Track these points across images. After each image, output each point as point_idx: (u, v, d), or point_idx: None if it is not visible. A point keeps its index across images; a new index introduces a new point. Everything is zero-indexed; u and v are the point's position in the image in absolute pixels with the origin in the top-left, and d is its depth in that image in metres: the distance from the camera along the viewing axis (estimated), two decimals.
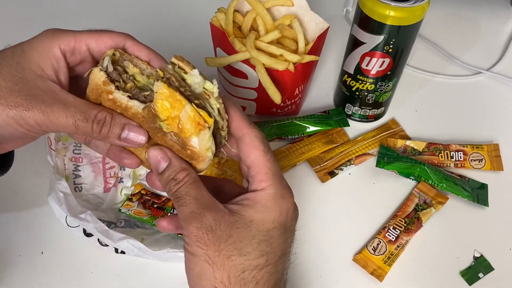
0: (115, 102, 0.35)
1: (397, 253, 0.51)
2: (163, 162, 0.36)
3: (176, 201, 0.35)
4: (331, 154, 0.60)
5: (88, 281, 0.49)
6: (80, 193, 0.54)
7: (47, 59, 0.36)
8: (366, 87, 0.59)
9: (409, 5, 0.50)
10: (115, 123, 0.36)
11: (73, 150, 0.55)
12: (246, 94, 0.59)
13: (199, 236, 0.33)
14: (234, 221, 0.34)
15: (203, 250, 0.33)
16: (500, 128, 0.65)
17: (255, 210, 0.35)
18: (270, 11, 0.59)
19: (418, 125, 0.65)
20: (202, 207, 0.34)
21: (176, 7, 0.81)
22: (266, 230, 0.35)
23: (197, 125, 0.33)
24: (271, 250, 0.35)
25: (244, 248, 0.34)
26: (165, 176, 0.36)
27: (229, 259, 0.33)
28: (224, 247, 0.33)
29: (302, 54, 0.56)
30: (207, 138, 0.34)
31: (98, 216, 0.49)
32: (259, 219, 0.35)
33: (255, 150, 0.37)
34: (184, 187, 0.35)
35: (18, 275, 0.48)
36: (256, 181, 0.36)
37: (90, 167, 0.55)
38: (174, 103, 0.33)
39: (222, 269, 0.33)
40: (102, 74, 0.35)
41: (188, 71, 0.34)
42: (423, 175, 0.56)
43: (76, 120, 0.35)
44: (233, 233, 0.34)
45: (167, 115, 0.33)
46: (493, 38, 0.80)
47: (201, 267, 0.33)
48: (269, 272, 0.35)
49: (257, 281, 0.34)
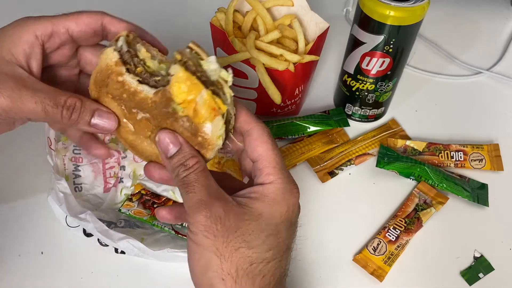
0: (124, 85, 0.35)
1: (397, 253, 0.51)
2: (174, 147, 0.35)
3: (184, 187, 0.34)
4: (331, 154, 0.60)
5: (88, 281, 0.49)
6: (80, 193, 0.54)
7: (19, 45, 0.35)
8: (366, 87, 0.59)
9: (409, 5, 0.50)
10: (85, 109, 0.36)
11: (73, 150, 0.55)
12: (246, 94, 0.59)
13: (208, 226, 0.32)
14: (243, 213, 0.34)
15: (211, 241, 0.32)
16: (500, 128, 0.65)
17: (264, 203, 0.35)
18: (270, 11, 0.59)
19: (418, 125, 0.65)
20: (211, 196, 0.34)
21: (176, 7, 0.81)
22: (275, 224, 0.35)
23: (212, 110, 0.33)
24: (277, 245, 0.35)
25: (253, 241, 0.33)
26: (174, 161, 0.35)
27: (238, 251, 0.33)
28: (233, 238, 0.33)
29: (302, 54, 0.56)
30: (220, 125, 0.34)
31: (98, 216, 0.49)
32: (268, 213, 0.35)
33: (263, 144, 0.36)
34: (194, 174, 0.35)
35: (18, 275, 0.48)
36: (264, 174, 0.36)
37: (90, 167, 0.55)
38: (191, 87, 0.33)
39: (230, 261, 0.32)
40: (115, 54, 0.35)
41: (204, 58, 0.34)
42: (423, 175, 0.56)
43: (46, 106, 0.34)
44: (242, 225, 0.33)
45: (184, 98, 0.33)
46: (493, 38, 0.80)
47: (208, 258, 0.33)
48: (275, 266, 0.34)
49: (264, 274, 0.34)
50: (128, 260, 0.50)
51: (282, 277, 0.35)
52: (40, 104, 0.34)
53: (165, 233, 0.51)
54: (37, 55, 0.36)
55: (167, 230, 0.51)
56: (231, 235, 0.33)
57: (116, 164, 0.56)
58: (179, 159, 0.35)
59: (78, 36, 0.38)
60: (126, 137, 0.39)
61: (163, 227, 0.51)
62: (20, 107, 0.34)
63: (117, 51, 0.35)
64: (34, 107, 0.34)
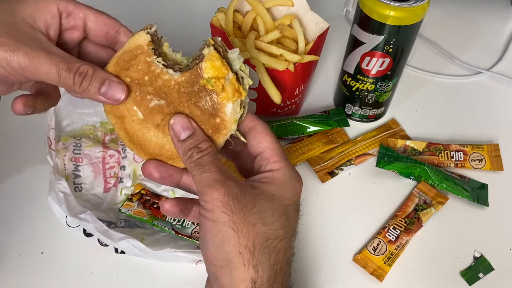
0: (151, 65, 0.37)
1: (397, 253, 0.51)
2: (187, 131, 0.37)
3: (199, 168, 0.36)
4: (331, 154, 0.60)
5: (88, 281, 0.49)
6: (80, 193, 0.54)
7: (42, 12, 0.37)
8: (366, 87, 0.59)
9: (409, 5, 0.50)
10: (96, 76, 0.37)
11: (73, 150, 0.55)
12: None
13: (225, 202, 0.34)
14: (257, 193, 0.36)
15: (228, 216, 0.34)
16: (500, 128, 0.65)
17: (275, 186, 0.37)
18: (270, 11, 0.59)
19: (418, 125, 0.65)
20: (227, 175, 0.35)
21: (176, 7, 0.81)
22: (285, 206, 0.37)
23: (235, 91, 0.36)
24: (288, 225, 0.36)
25: (268, 218, 0.35)
26: (187, 144, 0.37)
27: (254, 226, 0.34)
28: (249, 215, 0.34)
29: (302, 54, 0.56)
30: (239, 108, 0.37)
31: (98, 216, 0.49)
32: (280, 194, 0.37)
33: (268, 137, 0.39)
34: (208, 156, 0.36)
35: (18, 275, 0.48)
36: (272, 162, 0.38)
37: (90, 167, 0.55)
38: (221, 66, 0.36)
39: (247, 236, 0.34)
40: (148, 36, 0.37)
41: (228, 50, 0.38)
42: (423, 175, 0.56)
43: (60, 69, 0.35)
44: (257, 203, 0.35)
45: (214, 75, 0.36)
46: (493, 38, 0.80)
47: (225, 233, 0.34)
48: (287, 245, 0.36)
49: (278, 251, 0.35)
50: (128, 260, 0.50)
51: (290, 257, 0.37)
52: (55, 67, 0.35)
53: (165, 233, 0.51)
54: (55, 26, 0.38)
55: (167, 230, 0.51)
56: (247, 212, 0.34)
57: (116, 164, 0.56)
58: (192, 142, 0.37)
59: (91, 29, 0.39)
60: (129, 127, 0.39)
61: (163, 227, 0.51)
62: (36, 66, 0.35)
63: (150, 34, 0.37)
64: (49, 68, 0.35)
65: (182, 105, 0.37)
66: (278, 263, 0.35)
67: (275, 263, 0.35)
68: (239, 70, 0.38)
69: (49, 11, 0.37)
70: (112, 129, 0.59)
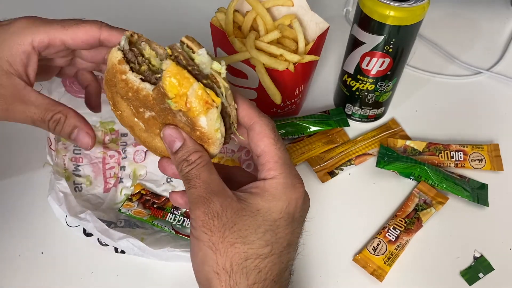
0: (128, 83, 0.35)
1: (397, 253, 0.51)
2: (178, 142, 0.36)
3: (186, 183, 0.36)
4: (331, 154, 0.60)
5: (88, 281, 0.49)
6: (80, 193, 0.54)
7: (17, 55, 0.37)
8: (366, 87, 0.59)
9: (409, 5, 0.50)
10: (66, 124, 0.39)
11: (73, 150, 0.55)
12: (246, 94, 0.59)
13: (205, 221, 0.33)
14: (241, 208, 0.34)
15: (207, 236, 0.33)
16: (500, 128, 0.65)
17: (262, 198, 0.35)
18: (270, 11, 0.59)
19: (418, 125, 0.65)
20: (210, 191, 0.34)
21: (176, 7, 0.81)
22: (273, 220, 0.35)
23: (205, 103, 0.33)
24: (276, 240, 0.35)
25: (249, 236, 0.34)
26: (178, 156, 0.36)
27: (233, 246, 0.33)
28: (229, 234, 0.33)
29: (302, 54, 0.56)
30: (215, 118, 0.34)
31: (98, 216, 0.49)
32: (266, 208, 0.35)
33: (265, 139, 0.36)
34: (195, 170, 0.35)
35: (18, 275, 0.48)
36: (266, 170, 0.36)
37: (90, 167, 0.56)
38: (182, 81, 0.33)
39: (225, 256, 0.33)
40: (119, 53, 0.35)
41: (196, 51, 0.35)
42: (423, 175, 0.56)
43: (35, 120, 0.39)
44: (238, 221, 0.34)
45: (175, 92, 0.33)
46: (493, 38, 0.80)
47: (205, 253, 0.34)
48: (273, 262, 0.35)
49: (260, 270, 0.34)
50: (128, 260, 0.50)
51: (282, 272, 0.36)
52: (30, 118, 0.39)
53: (165, 233, 0.51)
54: (34, 64, 0.39)
55: (167, 230, 0.51)
56: (227, 231, 0.33)
57: (116, 165, 0.56)
58: (183, 154, 0.36)
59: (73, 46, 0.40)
60: (140, 135, 0.40)
61: (163, 227, 0.51)
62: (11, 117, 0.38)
63: (121, 50, 0.36)
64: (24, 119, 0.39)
65: (167, 118, 0.36)
66: (259, 282, 0.34)
67: (254, 283, 0.34)
68: (211, 73, 0.35)
69: (23, 51, 0.37)
70: (112, 129, 0.59)
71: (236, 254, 0.33)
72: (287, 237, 0.36)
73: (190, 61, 0.34)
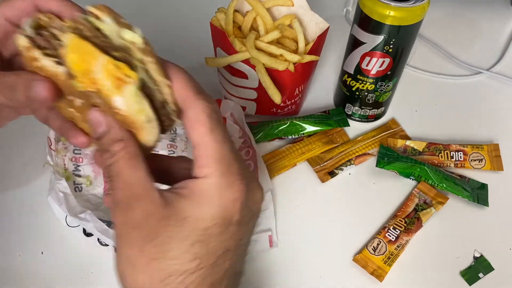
0: (43, 70, 0.30)
1: (397, 253, 0.51)
2: (100, 127, 0.30)
3: (109, 182, 0.30)
4: (331, 154, 0.60)
5: (88, 281, 0.49)
6: (80, 193, 0.54)
7: None
8: (366, 87, 0.59)
9: (409, 5, 0.50)
10: None
11: (73, 150, 0.55)
12: (246, 94, 0.59)
13: (123, 233, 0.29)
14: (166, 216, 0.29)
15: (124, 250, 0.29)
16: (500, 128, 0.65)
17: (190, 203, 0.29)
18: (270, 11, 0.59)
19: (418, 125, 0.65)
20: (131, 196, 0.29)
21: (176, 7, 0.81)
22: (203, 229, 0.29)
23: (117, 80, 0.27)
24: (206, 252, 0.30)
25: (172, 250, 0.29)
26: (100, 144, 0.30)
27: (153, 261, 0.28)
28: (149, 248, 0.28)
29: (302, 54, 0.56)
30: (133, 96, 0.27)
31: (98, 216, 0.49)
32: (195, 216, 0.29)
33: (199, 127, 0.29)
34: (116, 165, 0.29)
35: (18, 275, 0.48)
36: (197, 167, 0.30)
37: (90, 167, 0.55)
38: (84, 56, 0.27)
39: (143, 272, 0.29)
40: (23, 40, 0.30)
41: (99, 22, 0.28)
42: (423, 175, 0.56)
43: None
44: (161, 232, 0.28)
45: (78, 70, 0.27)
46: (493, 38, 0.80)
47: (123, 268, 0.29)
48: (202, 276, 0.30)
49: (186, 285, 0.29)
50: None
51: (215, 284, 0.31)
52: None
53: None
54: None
55: None
56: (147, 244, 0.28)
57: None
58: (104, 142, 0.30)
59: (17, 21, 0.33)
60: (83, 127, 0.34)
61: None
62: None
63: (26, 35, 0.30)
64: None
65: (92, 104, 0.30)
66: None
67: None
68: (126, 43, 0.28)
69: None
70: None
71: (157, 271, 0.28)
72: (223, 244, 0.30)
73: (96, 32, 0.28)
